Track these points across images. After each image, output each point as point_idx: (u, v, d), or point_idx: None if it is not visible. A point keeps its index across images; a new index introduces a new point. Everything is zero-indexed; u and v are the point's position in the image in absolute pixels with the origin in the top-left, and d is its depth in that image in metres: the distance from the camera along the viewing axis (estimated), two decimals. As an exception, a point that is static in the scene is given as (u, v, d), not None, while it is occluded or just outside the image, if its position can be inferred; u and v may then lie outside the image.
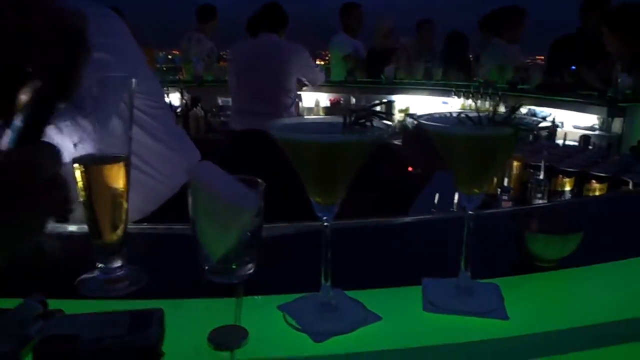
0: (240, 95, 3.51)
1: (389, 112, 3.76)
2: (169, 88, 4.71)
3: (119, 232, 0.79)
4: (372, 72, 5.18)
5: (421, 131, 0.70)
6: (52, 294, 0.72)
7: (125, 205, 0.79)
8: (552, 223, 0.86)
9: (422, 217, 1.14)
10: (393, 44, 5.52)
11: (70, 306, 0.70)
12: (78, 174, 0.76)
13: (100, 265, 0.79)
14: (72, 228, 1.03)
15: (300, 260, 0.87)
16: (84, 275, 0.80)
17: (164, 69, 5.50)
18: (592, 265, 0.85)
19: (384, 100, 4.62)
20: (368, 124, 0.64)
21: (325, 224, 0.68)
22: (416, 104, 4.75)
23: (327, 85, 4.59)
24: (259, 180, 0.81)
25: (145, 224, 1.19)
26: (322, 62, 5.83)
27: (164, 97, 1.80)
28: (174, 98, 4.75)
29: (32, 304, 0.66)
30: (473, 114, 0.67)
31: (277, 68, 3.34)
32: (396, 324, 0.70)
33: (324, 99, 5.03)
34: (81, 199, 0.77)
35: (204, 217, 0.78)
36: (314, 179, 0.65)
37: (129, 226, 0.82)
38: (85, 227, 0.80)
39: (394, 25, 5.61)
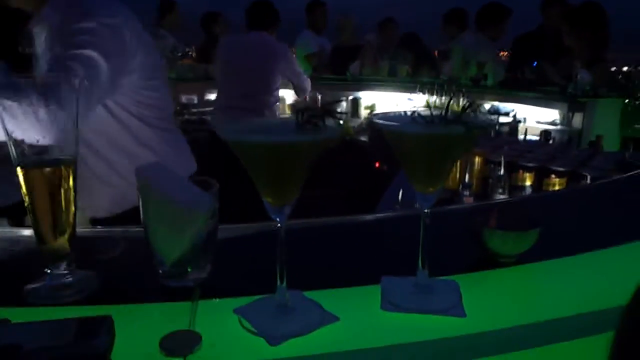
0: (224, 92, 3.48)
1: (341, 112, 3.71)
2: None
3: (66, 236, 0.76)
4: (338, 69, 5.18)
5: None
6: (-1, 302, 0.70)
7: (72, 209, 0.76)
8: (510, 219, 0.87)
9: (381, 215, 1.13)
10: (358, 40, 5.53)
11: (18, 314, 0.67)
12: (21, 178, 0.73)
13: (48, 271, 0.76)
14: (21, 232, 0.99)
15: (258, 262, 0.85)
16: (32, 283, 0.76)
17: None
18: (550, 260, 0.86)
19: (337, 100, 4.63)
20: (320, 123, 0.62)
21: (279, 225, 0.67)
22: (382, 101, 4.77)
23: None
24: (213, 181, 0.79)
25: (99, 227, 1.16)
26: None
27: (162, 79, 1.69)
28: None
29: (-27, 315, 0.63)
30: (427, 113, 0.66)
31: (262, 66, 3.31)
32: (354, 324, 0.69)
33: (290, 96, 5.00)
34: (25, 204, 0.74)
35: (156, 221, 0.76)
36: (265, 180, 0.64)
37: (79, 229, 0.79)
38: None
39: (358, 22, 5.62)
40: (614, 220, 1.09)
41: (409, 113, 0.69)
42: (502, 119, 3.16)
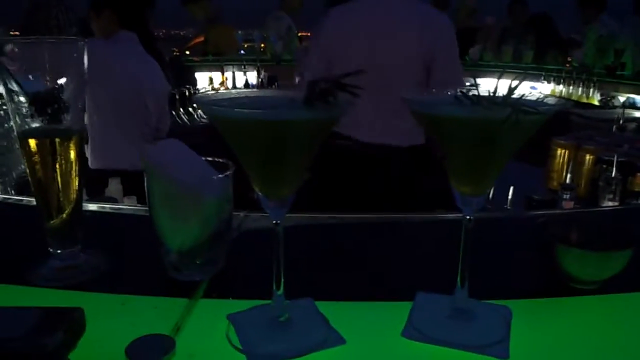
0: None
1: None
2: (246, 67, 4.69)
3: (74, 213, 0.70)
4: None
5: None
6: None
7: (75, 183, 0.70)
8: (595, 234, 0.68)
9: (424, 215, 0.96)
10: (475, 22, 5.19)
11: (16, 293, 0.65)
12: (28, 149, 0.67)
13: (54, 251, 0.71)
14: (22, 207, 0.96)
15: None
16: (35, 262, 0.71)
17: (245, 46, 5.47)
18: (641, 292, 0.66)
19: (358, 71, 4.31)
20: (331, 99, 0.50)
21: (276, 221, 0.55)
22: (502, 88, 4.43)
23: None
24: (229, 162, 0.69)
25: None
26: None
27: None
28: (251, 76, 4.73)
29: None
30: (474, 93, 0.51)
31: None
32: (363, 350, 0.56)
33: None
34: (30, 177, 0.69)
35: (161, 202, 0.68)
36: (259, 166, 0.52)
37: (87, 206, 0.73)
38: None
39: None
40: None
41: (455, 93, 0.54)
42: (629, 113, 2.75)
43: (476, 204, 0.55)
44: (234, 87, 4.65)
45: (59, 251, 0.71)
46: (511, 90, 0.47)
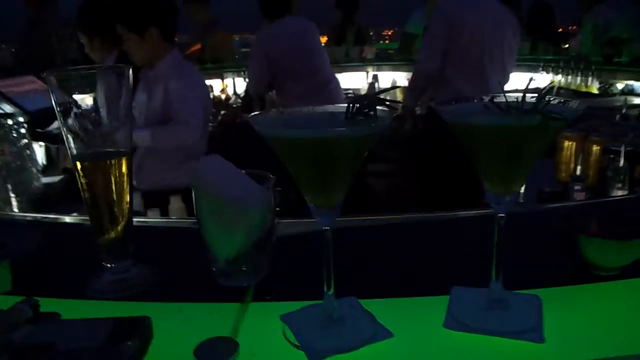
0: (287, 77, 3.20)
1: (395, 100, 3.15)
2: (246, 73, 4.71)
3: (123, 228, 0.75)
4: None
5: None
6: (55, 294, 0.71)
7: (127, 200, 0.75)
8: (614, 223, 0.73)
9: (456, 213, 1.01)
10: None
11: (72, 307, 0.68)
12: (84, 171, 0.72)
13: (108, 265, 0.76)
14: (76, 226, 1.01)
15: (319, 261, 0.80)
16: (91, 276, 0.76)
17: (242, 51, 5.51)
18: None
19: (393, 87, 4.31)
20: (371, 113, 0.55)
21: (325, 227, 0.60)
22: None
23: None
24: (268, 174, 0.74)
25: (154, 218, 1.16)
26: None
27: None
28: (251, 82, 4.75)
29: (22, 308, 0.63)
30: (502, 101, 0.56)
31: (313, 42, 3.20)
32: (410, 342, 0.61)
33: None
34: (83, 197, 0.74)
35: (209, 216, 0.73)
36: (309, 179, 0.57)
37: (136, 220, 0.78)
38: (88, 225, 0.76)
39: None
40: None
41: (482, 101, 0.59)
42: (630, 100, 2.80)
43: (508, 202, 0.60)
44: (235, 93, 4.69)
45: (112, 265, 0.76)
46: (540, 98, 0.52)
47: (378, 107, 0.55)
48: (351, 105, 0.55)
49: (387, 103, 0.56)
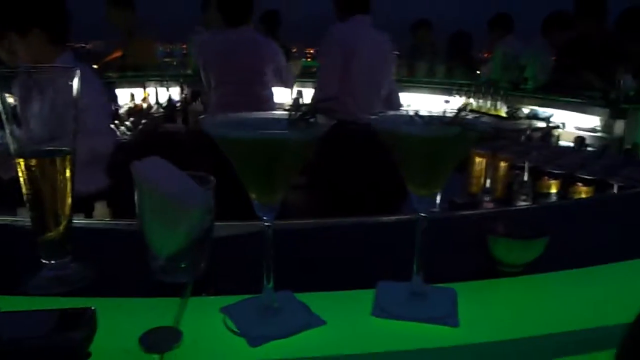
0: (221, 90, 3.34)
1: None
2: (169, 82, 4.66)
3: (64, 227, 0.77)
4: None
5: None
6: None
7: (69, 199, 0.76)
8: (517, 227, 0.83)
9: (382, 218, 1.10)
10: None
11: (11, 303, 0.68)
12: (26, 169, 0.73)
13: (45, 262, 0.77)
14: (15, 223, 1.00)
15: (254, 261, 0.84)
16: (29, 273, 0.77)
17: (165, 60, 5.44)
18: (557, 272, 0.81)
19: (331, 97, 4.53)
20: (312, 120, 0.61)
21: (267, 224, 0.65)
22: (418, 103, 4.71)
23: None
24: (209, 176, 0.78)
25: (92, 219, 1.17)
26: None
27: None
28: (174, 92, 4.71)
29: (-39, 301, 0.63)
30: (426, 114, 0.64)
31: (256, 61, 3.26)
32: (341, 328, 0.67)
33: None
34: (25, 194, 0.75)
35: (151, 214, 0.76)
36: (252, 177, 0.62)
37: (75, 221, 0.80)
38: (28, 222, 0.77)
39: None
40: (630, 233, 1.04)
41: (410, 114, 0.67)
42: (534, 124, 3.06)
43: (429, 203, 0.68)
44: (157, 102, 4.62)
45: (51, 262, 0.77)
46: (459, 112, 0.60)
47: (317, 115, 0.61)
48: (293, 110, 0.61)
49: (325, 110, 0.62)
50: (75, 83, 0.74)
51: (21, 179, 0.74)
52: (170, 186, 0.74)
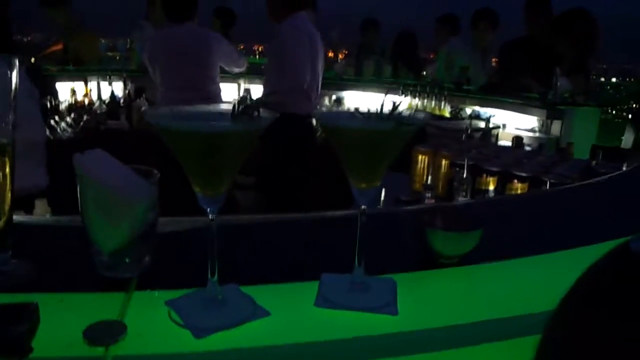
0: (168, 85, 3.31)
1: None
2: (112, 77, 4.54)
3: (5, 222, 0.75)
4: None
5: None
6: None
7: (9, 195, 0.75)
8: (454, 220, 0.87)
9: (325, 213, 1.13)
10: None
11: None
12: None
13: (-17, 258, 0.75)
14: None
15: (198, 255, 0.85)
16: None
17: (108, 54, 5.30)
18: (490, 263, 0.86)
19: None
20: (255, 114, 0.62)
21: (211, 216, 0.66)
22: (365, 101, 4.78)
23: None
24: (153, 170, 0.78)
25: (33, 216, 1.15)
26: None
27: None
28: (117, 88, 4.59)
29: None
30: (365, 110, 0.67)
31: (204, 56, 3.26)
32: (285, 319, 0.69)
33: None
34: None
35: (93, 209, 0.75)
36: (196, 170, 0.63)
37: (16, 217, 0.78)
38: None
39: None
40: (558, 227, 1.10)
41: (351, 111, 0.69)
42: (476, 124, 3.18)
43: (369, 196, 0.70)
44: (100, 98, 4.49)
45: (-11, 258, 0.75)
46: (394, 107, 0.63)
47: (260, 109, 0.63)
48: (236, 105, 0.63)
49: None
50: (15, 73, 0.73)
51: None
52: (113, 180, 0.74)
